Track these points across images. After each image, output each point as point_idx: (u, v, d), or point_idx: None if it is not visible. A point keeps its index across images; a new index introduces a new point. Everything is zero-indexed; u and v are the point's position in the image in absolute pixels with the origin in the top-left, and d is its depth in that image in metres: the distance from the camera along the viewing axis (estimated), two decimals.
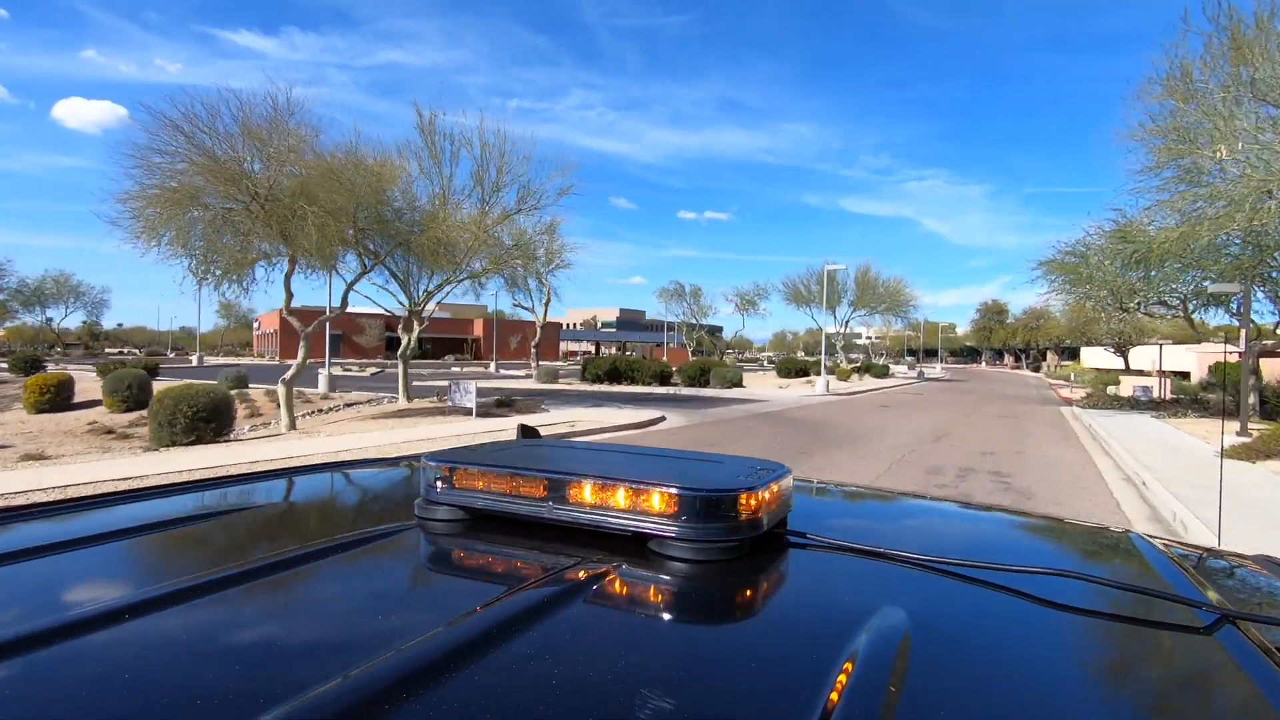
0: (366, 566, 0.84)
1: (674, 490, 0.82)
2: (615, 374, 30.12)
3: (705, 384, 28.17)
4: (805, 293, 45.15)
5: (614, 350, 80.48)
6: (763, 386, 29.76)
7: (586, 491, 0.86)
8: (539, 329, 32.05)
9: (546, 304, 31.53)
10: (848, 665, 0.58)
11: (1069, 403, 26.73)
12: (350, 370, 37.98)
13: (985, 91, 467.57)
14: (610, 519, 0.84)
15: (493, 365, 43.23)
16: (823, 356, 29.81)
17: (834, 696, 0.53)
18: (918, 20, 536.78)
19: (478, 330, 65.69)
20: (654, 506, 0.82)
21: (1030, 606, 0.78)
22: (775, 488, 0.89)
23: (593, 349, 79.48)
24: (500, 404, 16.37)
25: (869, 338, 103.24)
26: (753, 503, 0.83)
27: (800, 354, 71.55)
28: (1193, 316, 18.26)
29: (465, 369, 43.93)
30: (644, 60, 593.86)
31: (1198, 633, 0.74)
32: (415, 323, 19.62)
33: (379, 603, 0.73)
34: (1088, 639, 0.76)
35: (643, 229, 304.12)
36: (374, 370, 39.11)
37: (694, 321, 55.18)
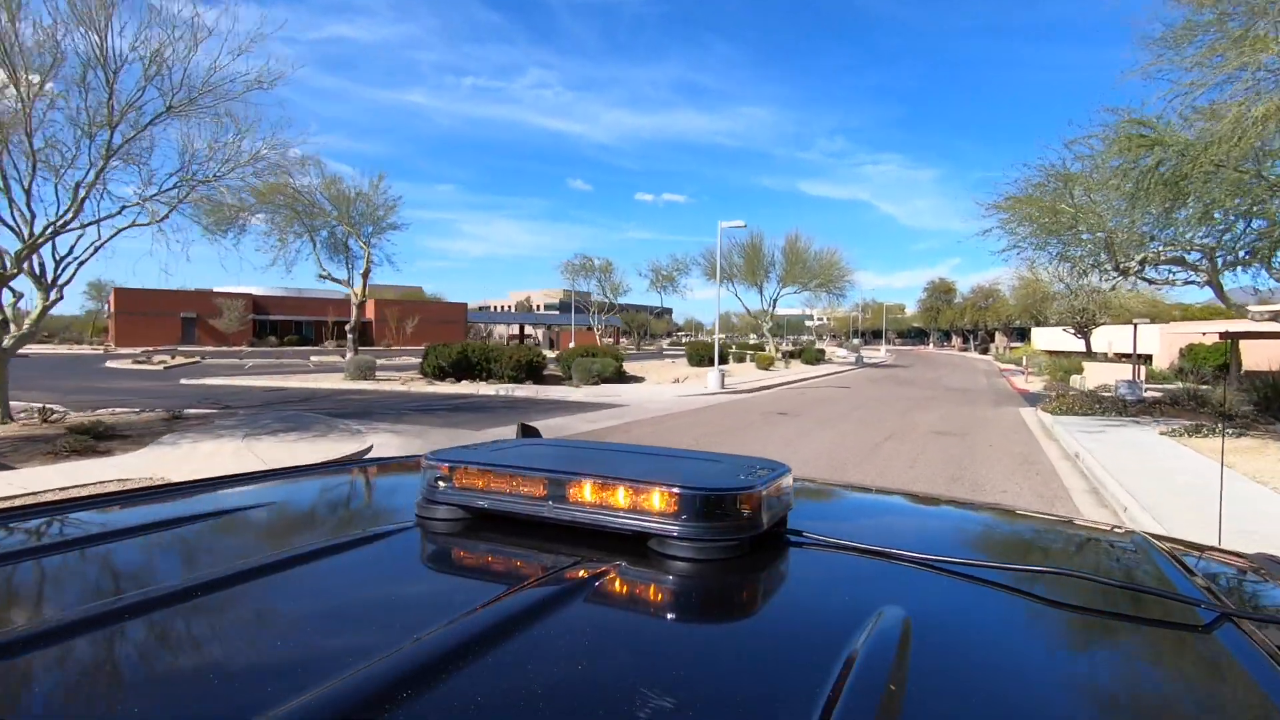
0: (366, 566, 0.83)
1: (674, 489, 0.81)
2: (465, 366, 23.04)
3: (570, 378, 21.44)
4: (727, 268, 38.64)
5: (541, 332, 73.20)
6: (654, 380, 23.18)
7: (587, 491, 0.85)
8: (354, 307, 24.60)
9: (365, 274, 24.11)
10: (848, 664, 0.58)
11: (1026, 397, 20.90)
12: (144, 364, 29.87)
13: (936, 78, 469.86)
14: (610, 518, 0.84)
15: (349, 353, 35.46)
16: (715, 340, 23.18)
17: (834, 695, 0.53)
18: (872, 6, 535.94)
19: (369, 312, 57.71)
20: (654, 506, 0.82)
21: (1030, 605, 0.78)
22: (775, 487, 0.89)
23: (518, 332, 72.12)
24: (76, 433, 9.16)
25: (818, 319, 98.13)
26: (753, 502, 0.83)
27: (753, 336, 65.51)
28: (1221, 282, 12.09)
29: (315, 357, 36.14)
30: (603, 40, 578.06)
31: (1198, 632, 0.74)
32: (41, 292, 12.27)
33: (379, 602, 0.73)
34: (1088, 638, 0.77)
35: (600, 211, 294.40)
36: (188, 360, 31.29)
37: (609, 300, 48.27)
